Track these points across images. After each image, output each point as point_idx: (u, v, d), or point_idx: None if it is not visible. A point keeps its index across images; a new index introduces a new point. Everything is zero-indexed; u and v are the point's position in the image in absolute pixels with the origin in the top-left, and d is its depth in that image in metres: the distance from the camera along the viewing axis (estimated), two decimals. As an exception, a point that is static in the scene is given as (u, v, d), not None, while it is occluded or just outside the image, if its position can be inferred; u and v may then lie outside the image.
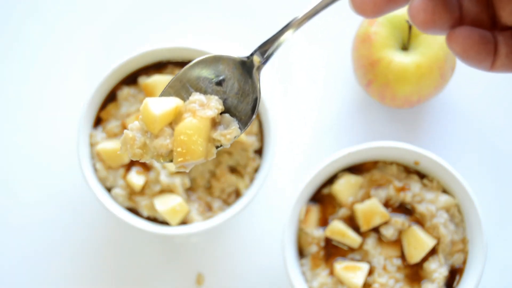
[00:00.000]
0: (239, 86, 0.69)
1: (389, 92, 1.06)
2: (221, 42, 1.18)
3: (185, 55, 1.08)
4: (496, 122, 1.16)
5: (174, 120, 0.68)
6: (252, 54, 0.68)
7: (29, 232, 1.14)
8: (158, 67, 1.09)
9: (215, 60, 0.69)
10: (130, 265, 1.13)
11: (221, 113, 0.69)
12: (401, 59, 1.04)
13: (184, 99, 0.69)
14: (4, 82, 1.18)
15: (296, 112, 1.17)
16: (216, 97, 0.69)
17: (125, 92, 1.07)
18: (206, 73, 0.69)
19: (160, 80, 1.05)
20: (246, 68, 0.69)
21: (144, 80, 1.07)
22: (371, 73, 1.05)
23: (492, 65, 0.60)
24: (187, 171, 0.68)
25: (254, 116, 0.69)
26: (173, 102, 0.68)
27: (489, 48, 0.59)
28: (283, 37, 0.67)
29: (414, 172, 1.06)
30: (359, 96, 1.17)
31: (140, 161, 0.69)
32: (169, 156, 0.68)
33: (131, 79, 1.09)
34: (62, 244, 1.14)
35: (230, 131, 0.68)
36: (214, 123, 0.68)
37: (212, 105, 0.68)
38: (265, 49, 0.68)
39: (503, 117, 1.16)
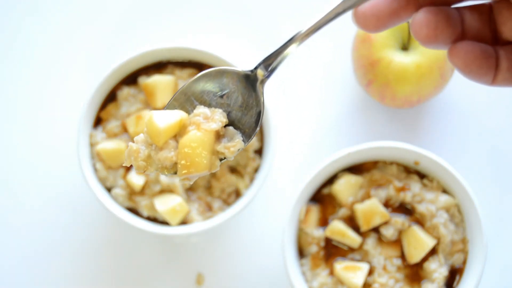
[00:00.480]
0: (243, 99, 0.70)
1: (389, 92, 1.06)
2: (221, 42, 1.18)
3: (185, 55, 1.08)
4: (496, 122, 1.16)
5: (178, 133, 0.69)
6: (256, 68, 0.69)
7: (29, 232, 1.14)
8: (158, 67, 1.09)
9: (220, 74, 0.70)
10: (130, 265, 1.13)
11: (225, 126, 0.70)
12: (401, 59, 1.04)
13: (188, 112, 0.70)
14: (4, 82, 1.18)
15: (296, 112, 1.17)
16: (220, 110, 0.70)
17: (125, 92, 1.07)
18: (210, 86, 0.70)
19: (160, 80, 1.05)
20: (250, 82, 0.69)
21: (144, 80, 1.07)
22: (371, 73, 1.05)
23: (494, 80, 0.61)
24: (191, 182, 0.69)
25: (257, 129, 0.70)
26: (178, 115, 0.69)
27: (490, 63, 0.60)
28: (287, 51, 0.67)
29: (414, 172, 1.06)
30: (359, 96, 1.17)
31: (145, 173, 0.70)
32: (174, 168, 0.69)
33: (131, 79, 1.09)
34: (62, 244, 1.14)
35: (234, 144, 0.69)
36: (218, 136, 0.69)
37: (216, 118, 0.69)
38: (269, 62, 0.68)
39: (503, 117, 1.16)
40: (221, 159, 0.70)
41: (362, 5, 0.61)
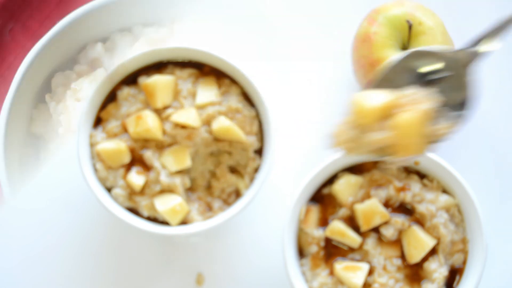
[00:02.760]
0: (453, 81, 0.67)
1: (389, 92, 1.06)
2: (221, 42, 1.18)
3: (185, 55, 1.08)
4: (496, 122, 1.16)
5: (387, 114, 0.66)
6: (468, 48, 0.65)
7: (29, 232, 1.14)
8: (158, 67, 1.09)
9: (427, 54, 0.67)
10: (130, 265, 1.13)
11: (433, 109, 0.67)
12: (401, 59, 1.04)
13: (396, 91, 0.66)
14: (4, 82, 1.18)
15: (296, 112, 1.17)
16: (430, 92, 0.66)
17: (125, 92, 1.07)
18: (419, 65, 0.67)
19: (160, 80, 1.05)
20: (460, 63, 0.66)
21: (144, 80, 1.07)
22: (371, 73, 1.05)
23: None
24: (399, 165, 0.65)
25: (464, 113, 0.66)
26: (387, 95, 0.65)
27: None
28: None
29: (414, 172, 1.06)
30: (359, 96, 1.17)
31: (351, 154, 0.66)
32: (381, 151, 0.65)
33: (131, 79, 1.09)
34: (62, 244, 1.14)
35: (446, 126, 0.66)
36: (428, 118, 0.66)
37: (426, 99, 0.66)
38: (484, 41, 0.64)
39: (503, 117, 1.16)
40: (428, 143, 0.66)
41: None
